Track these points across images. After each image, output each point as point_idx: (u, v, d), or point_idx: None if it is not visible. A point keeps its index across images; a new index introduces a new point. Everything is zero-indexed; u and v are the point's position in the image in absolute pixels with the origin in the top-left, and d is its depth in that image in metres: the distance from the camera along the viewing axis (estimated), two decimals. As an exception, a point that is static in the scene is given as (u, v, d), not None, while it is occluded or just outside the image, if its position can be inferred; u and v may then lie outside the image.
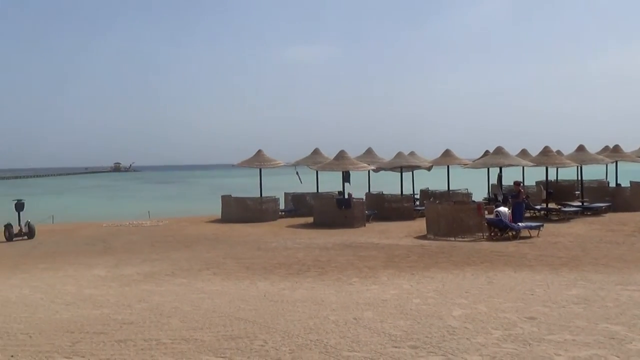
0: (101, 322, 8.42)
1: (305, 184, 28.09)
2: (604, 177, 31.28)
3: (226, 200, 26.29)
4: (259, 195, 26.05)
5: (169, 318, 8.54)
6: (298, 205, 27.60)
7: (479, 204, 19.08)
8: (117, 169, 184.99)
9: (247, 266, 13.48)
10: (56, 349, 7.11)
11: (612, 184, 28.25)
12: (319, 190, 27.94)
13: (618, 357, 6.28)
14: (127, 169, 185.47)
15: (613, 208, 24.63)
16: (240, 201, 26.09)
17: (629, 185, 26.76)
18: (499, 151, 23.08)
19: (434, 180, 30.64)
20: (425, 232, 19.00)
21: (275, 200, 26.44)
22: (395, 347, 6.81)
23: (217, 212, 26.78)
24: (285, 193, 28.80)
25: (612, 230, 18.85)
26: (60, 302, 10.03)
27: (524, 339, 6.98)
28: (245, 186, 37.57)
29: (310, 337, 7.30)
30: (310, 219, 24.09)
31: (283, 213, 27.00)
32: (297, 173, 27.66)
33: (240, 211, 25.45)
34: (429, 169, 27.66)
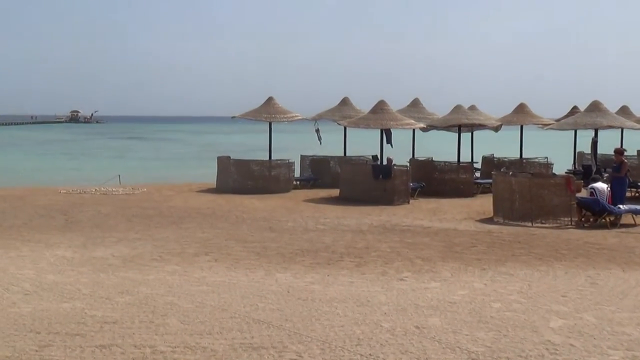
0: (74, 319, 8.35)
1: (329, 145, 27.86)
2: None
3: (224, 163, 26.16)
4: (268, 159, 25.93)
5: (164, 317, 8.45)
6: (319, 172, 27.53)
7: (568, 178, 18.71)
8: (74, 118, 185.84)
9: (258, 252, 13.39)
10: (18, 355, 7.03)
11: None
12: (347, 154, 27.75)
13: None
14: (87, 120, 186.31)
15: None
16: (243, 165, 26.05)
17: None
18: (596, 107, 22.49)
19: (497, 145, 30.30)
20: (492, 214, 18.78)
21: (289, 166, 26.32)
22: (479, 368, 6.63)
23: (211, 178, 26.76)
24: (302, 156, 28.72)
25: None
26: (17, 290, 9.97)
27: (655, 364, 6.75)
28: (247, 146, 37.48)
29: (359, 351, 7.16)
30: (335, 192, 23.96)
31: (299, 182, 26.95)
32: (317, 130, 27.42)
33: (243, 178, 25.39)
34: (496, 129, 27.25)
